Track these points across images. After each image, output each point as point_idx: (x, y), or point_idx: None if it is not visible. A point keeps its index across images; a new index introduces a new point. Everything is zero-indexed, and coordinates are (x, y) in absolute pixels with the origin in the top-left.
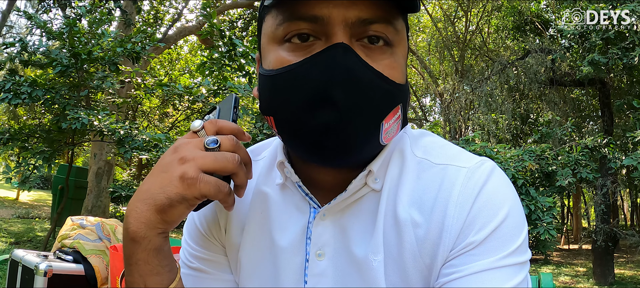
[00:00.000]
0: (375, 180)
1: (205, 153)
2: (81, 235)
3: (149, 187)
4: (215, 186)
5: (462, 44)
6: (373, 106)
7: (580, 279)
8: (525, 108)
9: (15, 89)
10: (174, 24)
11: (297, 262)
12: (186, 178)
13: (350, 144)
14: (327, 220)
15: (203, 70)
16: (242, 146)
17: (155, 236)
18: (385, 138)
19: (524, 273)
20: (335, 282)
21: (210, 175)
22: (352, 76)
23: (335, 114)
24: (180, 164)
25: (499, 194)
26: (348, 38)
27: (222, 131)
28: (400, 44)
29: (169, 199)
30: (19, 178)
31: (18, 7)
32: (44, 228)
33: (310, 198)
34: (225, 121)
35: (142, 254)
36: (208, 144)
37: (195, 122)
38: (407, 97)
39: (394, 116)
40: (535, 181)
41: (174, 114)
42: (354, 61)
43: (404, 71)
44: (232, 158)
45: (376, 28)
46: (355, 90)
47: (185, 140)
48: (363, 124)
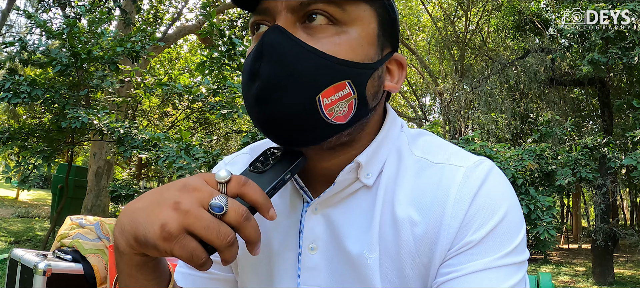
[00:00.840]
0: (367, 174)
1: (201, 214)
2: (80, 234)
3: (139, 207)
4: (189, 253)
5: (462, 43)
6: (300, 78)
7: (579, 279)
8: (525, 107)
9: (14, 88)
10: (173, 23)
11: (290, 256)
12: (165, 229)
13: (281, 116)
14: (319, 214)
15: (203, 69)
16: (252, 224)
17: (136, 255)
18: (330, 115)
19: (521, 272)
20: (329, 276)
21: (193, 238)
22: (275, 50)
23: (259, 86)
24: (171, 209)
25: (497, 193)
26: (291, 22)
27: (245, 196)
28: (354, 24)
29: (145, 238)
30: (18, 177)
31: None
32: (44, 227)
33: (304, 191)
34: (255, 188)
35: (125, 267)
36: (212, 206)
37: (222, 172)
38: (362, 76)
39: (338, 92)
40: (534, 180)
41: (173, 113)
42: (279, 36)
43: (358, 49)
44: (224, 236)
45: (316, 7)
46: (276, 63)
47: (199, 183)
48: (289, 96)
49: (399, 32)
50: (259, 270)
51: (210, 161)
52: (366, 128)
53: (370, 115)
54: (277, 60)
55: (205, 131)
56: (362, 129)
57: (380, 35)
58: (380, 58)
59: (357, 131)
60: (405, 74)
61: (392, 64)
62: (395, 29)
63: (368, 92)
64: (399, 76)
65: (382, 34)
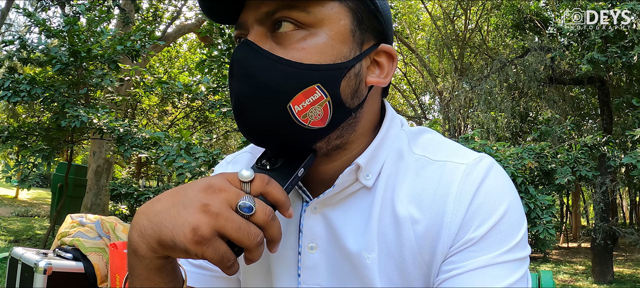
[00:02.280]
0: (367, 176)
1: (231, 216)
2: (81, 232)
3: (161, 210)
4: (220, 256)
5: (462, 42)
6: (267, 89)
7: (579, 277)
8: (525, 106)
9: (14, 87)
10: (173, 21)
11: (290, 255)
12: (198, 233)
13: (258, 127)
14: (318, 214)
15: (202, 68)
16: (276, 222)
17: (157, 258)
18: (305, 121)
19: (523, 269)
20: (329, 275)
21: (222, 241)
22: (242, 65)
23: (235, 102)
24: (200, 212)
25: (498, 190)
26: (262, 34)
27: (268, 196)
28: (322, 25)
29: (173, 242)
30: (18, 176)
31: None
32: (44, 226)
33: (303, 191)
34: (278, 187)
35: (144, 271)
36: (241, 207)
37: (245, 172)
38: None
39: (308, 98)
40: (534, 179)
41: (173, 112)
42: (246, 52)
43: (328, 50)
44: (254, 236)
45: (281, 14)
46: (244, 78)
47: (223, 183)
48: (261, 109)
49: (387, 22)
50: (260, 268)
51: (210, 160)
52: (357, 128)
53: (355, 114)
54: (244, 75)
55: (205, 129)
56: (354, 131)
57: (356, 30)
58: (358, 54)
59: (347, 133)
60: (395, 65)
61: (381, 56)
62: (381, 20)
63: (343, 93)
64: (388, 68)
65: (358, 28)
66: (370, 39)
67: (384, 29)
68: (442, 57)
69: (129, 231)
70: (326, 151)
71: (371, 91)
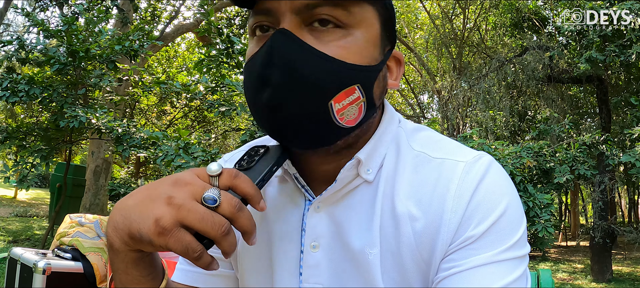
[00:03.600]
0: (367, 170)
1: (194, 206)
2: (80, 232)
3: (133, 204)
4: (184, 246)
5: (460, 41)
6: (313, 85)
7: (578, 276)
8: (523, 105)
9: (12, 87)
10: (171, 21)
11: (292, 254)
12: (159, 224)
13: (294, 123)
14: (321, 212)
15: (201, 67)
16: (246, 214)
17: (130, 251)
18: (341, 119)
19: (523, 267)
20: (330, 274)
21: (187, 232)
22: (286, 57)
23: (272, 94)
24: (164, 204)
25: (497, 188)
26: (297, 25)
27: (236, 188)
28: (360, 26)
29: (140, 234)
30: (17, 177)
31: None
32: (42, 226)
33: (305, 190)
34: (246, 180)
35: (121, 264)
36: (205, 199)
37: (212, 164)
38: (370, 79)
39: (349, 97)
40: (533, 178)
41: (171, 111)
42: (289, 42)
43: (363, 52)
44: (219, 226)
45: (322, 11)
46: (289, 70)
47: (190, 178)
48: (303, 103)
49: (395, 28)
50: (260, 268)
51: (209, 159)
52: (369, 127)
53: (376, 115)
54: (288, 66)
55: (204, 129)
56: (367, 130)
57: (383, 35)
58: (383, 58)
59: (363, 132)
60: (403, 69)
61: (391, 61)
62: (394, 26)
63: (375, 94)
64: (397, 72)
65: (383, 33)
66: (387, 45)
67: (395, 34)
68: (440, 56)
69: (106, 225)
70: (339, 149)
71: None
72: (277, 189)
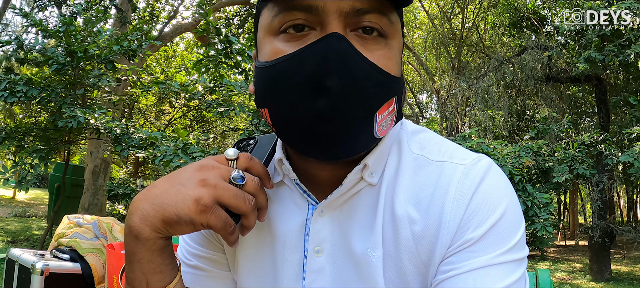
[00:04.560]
0: (371, 174)
1: (227, 186)
2: (78, 233)
3: (160, 192)
4: (223, 222)
5: (459, 40)
6: (366, 96)
7: (576, 275)
8: (522, 104)
9: (11, 87)
10: (170, 21)
11: (295, 259)
12: (201, 203)
13: (343, 134)
14: (325, 216)
15: (199, 67)
16: (263, 191)
17: (159, 238)
18: (379, 131)
19: (521, 269)
20: (334, 278)
21: (222, 209)
22: (346, 65)
23: (328, 102)
24: (199, 186)
25: (496, 191)
26: (342, 28)
27: (251, 170)
28: (395, 37)
29: (178, 216)
30: (15, 177)
31: (13, 5)
32: (41, 226)
33: (308, 195)
34: (257, 160)
35: (146, 253)
36: (234, 178)
37: (230, 150)
38: (402, 91)
39: (388, 109)
40: (531, 177)
41: (170, 111)
42: (349, 50)
43: (398, 63)
44: (249, 201)
45: (370, 18)
46: (349, 79)
47: (213, 163)
48: (356, 114)
49: None
50: (262, 271)
51: None
52: None
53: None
54: (347, 75)
55: (202, 129)
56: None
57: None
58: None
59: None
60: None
61: None
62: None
63: (401, 105)
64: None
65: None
66: None
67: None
68: (439, 55)
69: (128, 219)
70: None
71: None
72: (278, 194)
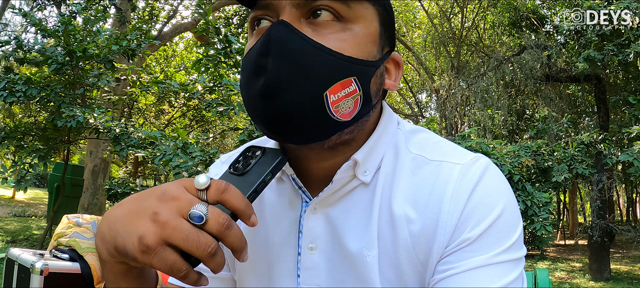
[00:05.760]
0: (364, 172)
1: (179, 224)
2: (77, 233)
3: (119, 216)
4: (169, 266)
5: (458, 40)
6: (308, 75)
7: (576, 274)
8: (521, 103)
9: (10, 87)
10: (169, 21)
11: (290, 255)
12: (143, 243)
13: (289, 112)
14: (318, 213)
15: (199, 67)
16: (235, 231)
17: (118, 263)
18: (336, 112)
19: (519, 269)
20: (328, 275)
21: (173, 250)
22: (283, 46)
23: (266, 81)
24: (149, 220)
25: (494, 190)
26: (296, 18)
27: (225, 203)
28: (358, 22)
29: (124, 250)
30: (15, 177)
31: (13, 5)
32: (40, 226)
33: (302, 191)
34: (236, 194)
35: (109, 275)
36: (191, 216)
37: (200, 177)
38: (368, 74)
39: (344, 89)
40: (531, 177)
41: (170, 111)
42: (286, 33)
43: (363, 46)
44: (205, 246)
45: (321, 2)
46: (284, 58)
47: (177, 192)
48: (296, 92)
49: (395, 31)
50: (258, 270)
51: (207, 159)
52: (365, 126)
53: (371, 112)
54: (284, 55)
55: (202, 128)
56: (362, 128)
57: (382, 34)
58: (381, 56)
59: (358, 130)
60: (402, 72)
61: (390, 63)
62: (393, 29)
63: (371, 90)
64: (396, 74)
65: (383, 33)
66: (386, 45)
67: (394, 37)
68: (438, 55)
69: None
70: (333, 145)
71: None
72: (274, 190)
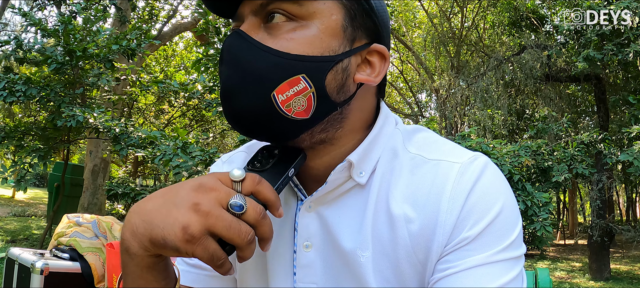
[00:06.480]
0: (360, 173)
1: (221, 214)
2: (77, 232)
3: (152, 208)
4: (210, 255)
5: (458, 39)
6: (253, 78)
7: (576, 274)
8: (521, 103)
9: (10, 86)
10: (169, 20)
11: (286, 253)
12: (188, 232)
13: (242, 114)
14: (312, 212)
15: (198, 67)
16: (267, 220)
17: (148, 257)
18: (288, 111)
19: (518, 267)
20: (324, 273)
21: (213, 240)
22: (232, 52)
23: (222, 87)
24: (191, 210)
25: (493, 189)
26: (255, 25)
27: (258, 195)
28: (314, 18)
29: (164, 240)
30: (15, 177)
31: (12, 5)
32: (40, 226)
33: (298, 189)
34: (269, 187)
35: (135, 268)
36: (232, 206)
37: (236, 171)
38: (319, 69)
39: (292, 88)
40: (531, 176)
41: (169, 111)
42: (236, 40)
43: (316, 43)
44: (245, 234)
45: (273, 5)
46: (232, 65)
47: (214, 183)
48: (246, 95)
49: (381, 23)
50: (256, 267)
51: (207, 159)
52: (345, 124)
53: (341, 109)
54: (233, 62)
55: (202, 128)
56: (340, 126)
57: (348, 26)
58: (347, 50)
59: (333, 128)
60: (387, 65)
61: (373, 55)
62: (375, 20)
63: (328, 86)
64: (380, 67)
65: (350, 25)
66: (362, 38)
67: (378, 29)
68: (438, 55)
69: (122, 229)
70: (310, 144)
71: (362, 89)
72: None
